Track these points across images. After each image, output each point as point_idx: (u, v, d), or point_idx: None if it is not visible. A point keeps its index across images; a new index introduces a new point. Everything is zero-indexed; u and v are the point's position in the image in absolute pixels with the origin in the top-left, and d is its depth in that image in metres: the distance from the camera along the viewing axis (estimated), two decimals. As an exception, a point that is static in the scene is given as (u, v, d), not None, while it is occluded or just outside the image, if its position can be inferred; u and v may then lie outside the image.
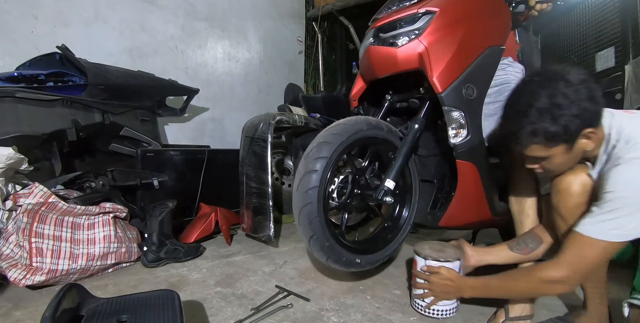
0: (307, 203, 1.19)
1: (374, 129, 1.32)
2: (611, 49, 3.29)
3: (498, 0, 1.42)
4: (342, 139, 1.23)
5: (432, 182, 1.53)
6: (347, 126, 1.25)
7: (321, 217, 1.21)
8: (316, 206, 1.19)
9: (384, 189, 1.27)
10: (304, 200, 1.19)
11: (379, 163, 1.52)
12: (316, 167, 1.19)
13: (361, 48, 1.52)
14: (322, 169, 1.19)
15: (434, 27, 1.25)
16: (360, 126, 1.27)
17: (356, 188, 1.41)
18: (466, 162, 1.29)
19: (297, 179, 1.22)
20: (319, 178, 1.20)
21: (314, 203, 1.19)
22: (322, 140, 1.21)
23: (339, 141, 1.22)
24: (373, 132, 1.31)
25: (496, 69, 1.37)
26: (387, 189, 1.27)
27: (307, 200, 1.19)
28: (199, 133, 2.97)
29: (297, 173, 1.23)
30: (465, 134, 1.25)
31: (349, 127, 1.25)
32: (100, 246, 1.60)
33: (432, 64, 1.22)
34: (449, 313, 1.25)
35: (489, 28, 1.35)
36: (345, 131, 1.24)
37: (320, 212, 1.21)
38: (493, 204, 1.43)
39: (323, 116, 2.36)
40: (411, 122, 1.36)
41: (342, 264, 1.32)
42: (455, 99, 1.24)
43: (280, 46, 3.79)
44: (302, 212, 1.20)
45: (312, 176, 1.19)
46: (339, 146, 1.22)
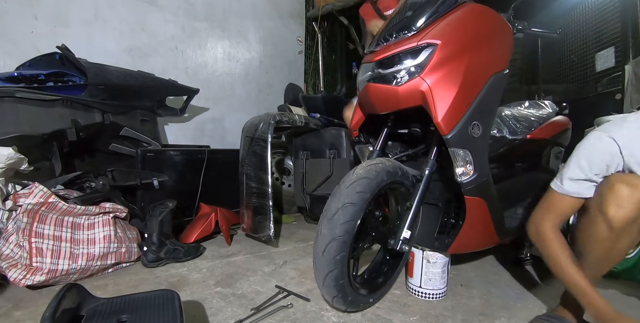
0: (332, 269, 1.13)
1: (392, 177, 1.24)
2: (611, 48, 3.29)
3: (501, 21, 1.36)
4: (367, 196, 1.14)
5: (437, 205, 1.50)
6: (371, 181, 1.16)
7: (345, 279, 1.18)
8: (340, 270, 1.14)
9: (401, 239, 1.23)
10: (330, 266, 1.13)
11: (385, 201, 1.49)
12: (343, 233, 1.11)
13: (359, 82, 1.45)
14: (349, 235, 1.12)
15: (436, 61, 1.18)
16: (382, 177, 1.19)
17: (368, 229, 1.37)
18: (475, 198, 1.26)
19: (322, 244, 1.13)
20: (347, 245, 1.13)
21: (339, 269, 1.14)
22: (348, 201, 1.12)
23: (364, 199, 1.14)
24: (391, 180, 1.24)
25: (501, 96, 1.31)
26: (403, 239, 1.24)
27: (333, 267, 1.13)
28: (199, 133, 2.97)
29: (322, 237, 1.14)
30: (472, 171, 1.22)
31: (372, 181, 1.16)
32: (100, 246, 1.60)
33: (437, 103, 1.15)
34: (438, 297, 1.42)
35: (492, 54, 1.28)
36: (369, 187, 1.15)
37: (344, 275, 1.17)
38: (501, 231, 1.42)
39: (323, 116, 2.37)
40: (423, 167, 1.31)
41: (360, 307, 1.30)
42: (461, 140, 1.19)
43: (280, 46, 3.79)
44: (328, 277, 1.14)
45: (339, 243, 1.11)
46: (364, 205, 1.14)
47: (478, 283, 1.58)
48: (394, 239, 1.24)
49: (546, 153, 1.83)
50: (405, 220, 1.25)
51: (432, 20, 1.24)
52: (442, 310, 1.33)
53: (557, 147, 1.88)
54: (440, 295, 1.42)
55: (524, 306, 1.37)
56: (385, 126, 1.52)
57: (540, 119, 1.80)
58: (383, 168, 1.21)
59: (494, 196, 1.30)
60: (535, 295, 1.46)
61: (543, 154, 1.82)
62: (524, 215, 1.62)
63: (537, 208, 1.16)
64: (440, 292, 1.41)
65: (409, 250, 1.27)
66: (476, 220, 1.30)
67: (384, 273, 1.44)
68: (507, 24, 1.35)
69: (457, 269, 1.75)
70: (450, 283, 1.56)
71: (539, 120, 1.79)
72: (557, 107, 1.98)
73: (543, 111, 1.89)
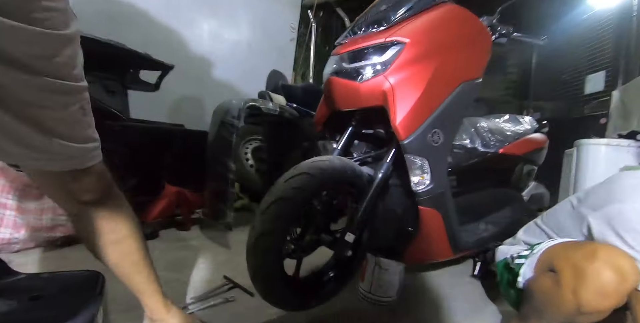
0: (261, 265, 1.07)
1: (340, 176, 1.17)
2: (602, 72, 3.29)
3: (479, 26, 1.29)
4: (305, 193, 1.07)
5: (395, 211, 1.43)
6: (312, 177, 1.09)
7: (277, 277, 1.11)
8: (271, 270, 1.08)
9: (343, 244, 1.17)
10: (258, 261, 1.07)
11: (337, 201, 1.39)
12: (272, 229, 1.05)
13: (324, 74, 1.38)
14: (279, 231, 1.06)
15: (402, 61, 1.12)
16: (326, 175, 1.12)
17: (313, 230, 1.29)
18: (429, 209, 1.22)
19: (252, 238, 1.07)
20: (277, 241, 1.07)
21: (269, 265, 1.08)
22: (282, 196, 1.06)
23: (300, 196, 1.07)
24: (339, 179, 1.17)
25: (469, 106, 1.26)
26: (346, 243, 1.17)
27: (262, 262, 1.07)
28: (175, 112, 2.87)
29: (253, 230, 1.07)
30: (429, 181, 1.17)
31: (314, 178, 1.09)
32: (47, 217, 1.53)
33: (397, 106, 1.10)
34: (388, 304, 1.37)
35: (465, 60, 1.22)
36: (309, 184, 1.08)
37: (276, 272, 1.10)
38: (456, 245, 1.38)
39: (299, 107, 2.30)
40: (377, 169, 1.23)
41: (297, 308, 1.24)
42: (418, 147, 1.14)
43: (271, 31, 3.69)
44: (258, 272, 1.08)
45: (268, 239, 1.05)
46: (301, 202, 1.07)
47: (432, 294, 1.54)
48: (337, 242, 1.18)
49: (517, 169, 1.79)
50: (350, 223, 1.19)
51: (405, 17, 1.18)
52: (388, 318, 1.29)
53: (529, 164, 1.86)
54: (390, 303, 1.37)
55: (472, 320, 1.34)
56: (350, 125, 1.45)
57: (516, 134, 1.77)
58: (329, 165, 1.13)
59: (450, 209, 1.26)
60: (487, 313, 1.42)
61: (514, 170, 1.79)
62: (486, 230, 1.59)
63: None
64: (390, 299, 1.36)
65: (352, 254, 1.20)
66: (429, 231, 1.26)
67: (332, 277, 1.37)
68: (485, 29, 1.30)
69: (415, 278, 1.71)
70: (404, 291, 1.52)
71: (515, 136, 1.76)
72: (536, 124, 1.94)
73: (520, 127, 1.86)
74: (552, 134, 2.94)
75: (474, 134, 1.70)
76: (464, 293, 1.59)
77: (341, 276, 1.39)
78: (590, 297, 0.83)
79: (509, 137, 1.74)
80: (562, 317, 0.93)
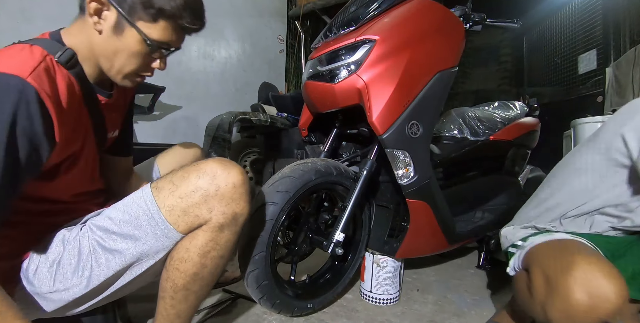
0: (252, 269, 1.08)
1: (325, 176, 1.18)
2: (593, 51, 3.26)
3: (449, 16, 1.29)
4: (289, 196, 1.10)
5: (388, 208, 1.44)
6: (295, 180, 1.11)
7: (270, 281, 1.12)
8: (262, 271, 1.09)
9: (333, 242, 1.16)
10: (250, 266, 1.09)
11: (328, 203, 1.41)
12: (261, 233, 1.07)
13: (302, 79, 1.40)
14: (267, 234, 1.07)
15: (374, 58, 1.13)
16: (309, 176, 1.14)
17: (306, 233, 1.31)
18: (417, 201, 1.22)
19: (242, 242, 1.10)
20: (266, 245, 1.08)
21: (261, 269, 1.09)
22: (268, 200, 1.09)
23: (285, 199, 1.10)
24: (323, 180, 1.18)
25: (447, 95, 1.25)
26: (336, 242, 1.16)
27: (253, 267, 1.08)
28: (171, 132, 2.91)
29: (243, 235, 1.09)
30: (412, 173, 1.17)
31: (297, 180, 1.11)
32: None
33: (372, 101, 1.11)
34: (390, 302, 1.37)
35: (438, 50, 1.22)
36: (293, 186, 1.11)
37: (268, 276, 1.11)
38: (451, 235, 1.37)
39: (290, 115, 2.32)
40: (361, 166, 1.24)
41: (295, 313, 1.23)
42: (397, 140, 1.13)
43: (259, 44, 3.74)
44: (250, 276, 1.10)
45: (258, 243, 1.07)
46: (285, 205, 1.10)
47: (435, 288, 1.53)
48: (327, 242, 1.18)
49: (510, 155, 1.78)
50: (338, 222, 1.18)
51: (374, 15, 1.19)
52: (390, 316, 1.28)
53: (522, 148, 1.84)
54: (392, 301, 1.37)
55: (477, 313, 1.32)
56: (334, 126, 1.47)
57: (506, 119, 1.76)
58: (312, 167, 1.15)
59: (439, 199, 1.25)
60: (492, 302, 1.41)
61: (507, 156, 1.78)
62: (482, 219, 1.57)
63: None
64: (392, 297, 1.36)
65: (342, 253, 1.18)
66: (421, 224, 1.25)
67: (328, 279, 1.39)
68: (457, 19, 1.30)
69: (417, 273, 1.71)
70: (407, 287, 1.52)
71: (505, 121, 1.75)
72: (527, 108, 1.93)
73: (510, 112, 1.85)
74: (551, 117, 2.93)
75: (462, 124, 1.71)
76: (469, 285, 1.58)
77: (337, 278, 1.39)
78: (557, 315, 0.77)
79: (499, 123, 1.73)
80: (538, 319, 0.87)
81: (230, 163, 0.81)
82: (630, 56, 2.54)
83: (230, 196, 0.78)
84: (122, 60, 0.76)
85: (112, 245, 0.77)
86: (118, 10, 0.71)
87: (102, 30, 0.73)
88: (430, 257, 1.74)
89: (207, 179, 0.77)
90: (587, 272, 0.73)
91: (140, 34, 0.73)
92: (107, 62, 0.77)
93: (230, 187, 0.78)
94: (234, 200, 0.79)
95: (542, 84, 4.14)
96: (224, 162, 0.81)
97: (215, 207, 0.78)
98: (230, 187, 0.78)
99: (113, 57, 0.76)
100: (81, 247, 0.77)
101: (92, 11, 0.71)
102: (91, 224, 0.80)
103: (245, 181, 0.81)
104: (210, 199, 0.77)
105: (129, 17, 0.71)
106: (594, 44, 3.25)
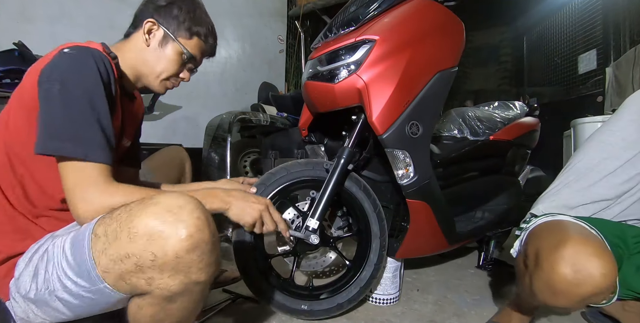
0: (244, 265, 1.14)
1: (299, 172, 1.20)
2: (593, 51, 3.26)
3: (449, 16, 1.29)
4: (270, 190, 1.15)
5: (389, 208, 1.42)
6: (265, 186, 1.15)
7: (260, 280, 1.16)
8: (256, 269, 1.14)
9: (307, 229, 1.13)
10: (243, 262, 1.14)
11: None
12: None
13: (302, 79, 1.40)
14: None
15: (374, 58, 1.12)
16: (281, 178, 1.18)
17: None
18: (417, 201, 1.21)
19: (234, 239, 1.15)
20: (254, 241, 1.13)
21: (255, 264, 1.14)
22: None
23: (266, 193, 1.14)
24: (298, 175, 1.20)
25: (447, 95, 1.25)
26: (311, 229, 1.13)
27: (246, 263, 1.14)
28: (171, 132, 2.92)
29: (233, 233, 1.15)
30: (412, 173, 1.17)
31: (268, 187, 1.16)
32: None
33: (372, 101, 1.10)
34: (390, 302, 1.37)
35: (438, 50, 1.22)
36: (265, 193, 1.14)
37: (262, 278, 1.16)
38: (451, 235, 1.36)
39: (290, 115, 2.32)
40: (338, 154, 1.20)
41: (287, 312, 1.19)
42: (397, 140, 1.13)
43: (259, 45, 3.75)
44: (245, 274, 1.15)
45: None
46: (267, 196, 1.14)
47: (436, 288, 1.53)
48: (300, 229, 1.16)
49: (510, 155, 1.78)
50: (313, 210, 1.15)
51: (374, 15, 1.19)
52: (390, 316, 1.28)
53: (522, 148, 1.84)
54: (392, 301, 1.37)
55: (477, 313, 1.32)
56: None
57: (506, 119, 1.76)
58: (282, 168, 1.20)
59: (439, 199, 1.24)
60: (493, 302, 1.42)
61: (507, 156, 1.78)
62: (482, 219, 1.57)
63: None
64: (392, 297, 1.36)
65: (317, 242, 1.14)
66: (421, 224, 1.25)
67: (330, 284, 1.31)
68: (457, 19, 1.29)
69: (417, 273, 1.71)
70: (407, 287, 1.52)
71: (505, 121, 1.75)
72: (527, 108, 1.93)
73: (510, 112, 1.85)
74: (551, 117, 2.93)
75: (462, 123, 1.71)
76: (469, 285, 1.58)
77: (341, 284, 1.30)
78: (540, 287, 0.79)
79: (499, 123, 1.73)
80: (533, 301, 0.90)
81: (179, 214, 0.63)
82: (630, 56, 2.54)
83: (173, 266, 0.62)
84: (162, 66, 0.94)
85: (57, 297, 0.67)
86: (165, 29, 0.92)
87: (150, 44, 0.92)
88: (430, 257, 1.74)
89: (141, 244, 0.61)
90: (576, 249, 0.75)
91: (180, 46, 0.93)
92: (149, 68, 0.94)
93: (171, 257, 0.61)
94: (180, 270, 0.63)
95: (542, 84, 4.14)
96: (170, 212, 0.63)
97: (155, 278, 0.63)
98: (171, 257, 0.61)
99: (156, 64, 0.93)
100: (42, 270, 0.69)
101: (146, 30, 0.90)
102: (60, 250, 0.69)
103: (200, 240, 0.63)
104: (147, 270, 0.62)
105: (172, 35, 0.92)
106: (594, 44, 3.25)
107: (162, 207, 0.63)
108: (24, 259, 0.72)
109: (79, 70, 0.74)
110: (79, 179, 0.70)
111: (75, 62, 0.74)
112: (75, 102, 0.71)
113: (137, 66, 0.94)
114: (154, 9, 0.93)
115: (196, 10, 0.96)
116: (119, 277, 0.64)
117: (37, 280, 0.68)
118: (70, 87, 0.71)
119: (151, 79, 0.95)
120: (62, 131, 0.69)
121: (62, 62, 0.74)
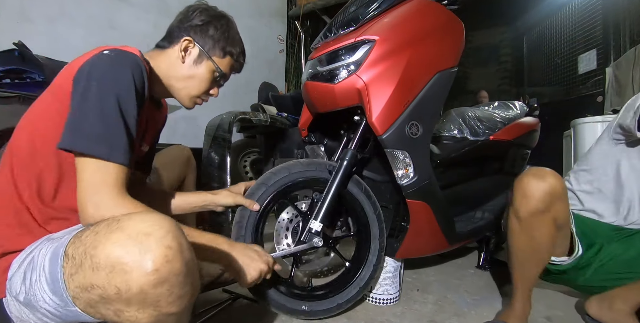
0: None
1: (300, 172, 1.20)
2: (593, 51, 3.27)
3: (449, 16, 1.29)
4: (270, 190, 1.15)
5: (388, 208, 1.42)
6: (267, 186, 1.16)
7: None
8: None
9: (310, 232, 1.13)
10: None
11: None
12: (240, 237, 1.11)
13: (302, 80, 1.40)
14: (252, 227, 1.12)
15: (373, 58, 1.12)
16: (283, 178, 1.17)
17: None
18: (417, 201, 1.21)
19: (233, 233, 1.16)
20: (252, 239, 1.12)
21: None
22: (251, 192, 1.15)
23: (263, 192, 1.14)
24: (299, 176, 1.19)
25: (446, 95, 1.25)
26: (313, 232, 1.13)
27: None
28: (171, 132, 2.92)
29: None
30: (412, 173, 1.17)
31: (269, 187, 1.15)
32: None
33: (372, 102, 1.10)
34: (390, 302, 1.37)
35: (438, 50, 1.22)
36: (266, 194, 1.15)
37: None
38: (451, 235, 1.36)
39: (290, 115, 2.32)
40: (341, 156, 1.21)
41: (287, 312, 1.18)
42: (397, 141, 1.13)
43: (259, 45, 3.75)
44: None
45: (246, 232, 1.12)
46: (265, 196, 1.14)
47: (436, 288, 1.53)
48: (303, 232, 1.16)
49: (510, 155, 1.78)
50: (316, 212, 1.15)
51: (374, 15, 1.19)
52: (390, 316, 1.28)
53: (522, 148, 1.84)
54: (392, 301, 1.37)
55: (477, 313, 1.32)
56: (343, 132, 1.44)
57: (506, 119, 1.76)
58: (282, 168, 1.19)
59: (439, 199, 1.24)
60: (492, 302, 1.41)
61: (507, 156, 1.78)
62: (482, 219, 1.57)
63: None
64: (392, 297, 1.36)
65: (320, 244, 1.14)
66: (421, 224, 1.25)
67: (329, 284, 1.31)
68: (456, 19, 1.29)
69: (417, 273, 1.71)
70: (407, 287, 1.52)
71: (505, 121, 1.75)
72: (526, 108, 1.93)
73: (510, 112, 1.85)
74: (551, 117, 2.93)
75: (462, 124, 1.71)
76: (469, 285, 1.58)
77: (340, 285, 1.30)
78: (518, 199, 1.04)
79: (499, 123, 1.73)
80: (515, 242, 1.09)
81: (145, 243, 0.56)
82: (630, 56, 2.54)
83: (140, 300, 0.57)
84: (194, 83, 0.96)
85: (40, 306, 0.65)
86: (201, 48, 0.94)
87: (185, 61, 0.94)
88: (430, 257, 1.74)
89: (103, 275, 0.56)
90: (539, 169, 1.05)
91: (213, 65, 0.96)
92: (181, 84, 0.96)
93: (136, 292, 0.55)
94: (149, 304, 0.58)
95: (542, 84, 4.14)
96: (135, 240, 0.56)
97: (123, 311, 0.59)
98: (136, 292, 0.55)
99: (188, 81, 0.96)
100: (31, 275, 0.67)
101: (183, 47, 0.93)
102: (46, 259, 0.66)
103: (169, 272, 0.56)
104: (113, 302, 0.58)
105: (207, 53, 0.94)
106: (594, 44, 3.26)
107: (127, 234, 0.56)
108: (17, 260, 0.72)
109: (116, 72, 0.76)
110: (96, 178, 0.70)
111: (114, 64, 0.76)
112: (107, 102, 0.73)
113: (169, 79, 0.95)
114: (191, 27, 0.95)
115: (230, 31, 0.99)
116: (87, 305, 0.60)
117: (25, 285, 0.67)
118: (104, 87, 0.73)
119: (183, 94, 0.98)
120: (89, 129, 0.70)
121: (101, 62, 0.76)
